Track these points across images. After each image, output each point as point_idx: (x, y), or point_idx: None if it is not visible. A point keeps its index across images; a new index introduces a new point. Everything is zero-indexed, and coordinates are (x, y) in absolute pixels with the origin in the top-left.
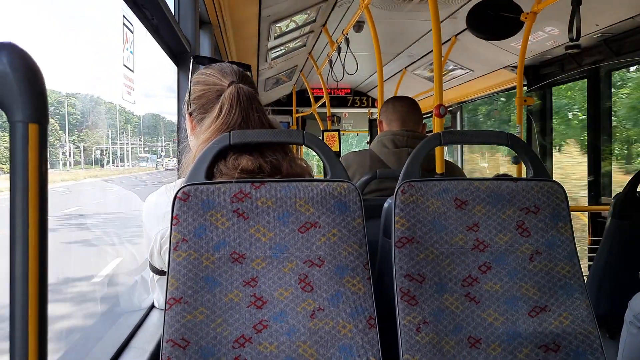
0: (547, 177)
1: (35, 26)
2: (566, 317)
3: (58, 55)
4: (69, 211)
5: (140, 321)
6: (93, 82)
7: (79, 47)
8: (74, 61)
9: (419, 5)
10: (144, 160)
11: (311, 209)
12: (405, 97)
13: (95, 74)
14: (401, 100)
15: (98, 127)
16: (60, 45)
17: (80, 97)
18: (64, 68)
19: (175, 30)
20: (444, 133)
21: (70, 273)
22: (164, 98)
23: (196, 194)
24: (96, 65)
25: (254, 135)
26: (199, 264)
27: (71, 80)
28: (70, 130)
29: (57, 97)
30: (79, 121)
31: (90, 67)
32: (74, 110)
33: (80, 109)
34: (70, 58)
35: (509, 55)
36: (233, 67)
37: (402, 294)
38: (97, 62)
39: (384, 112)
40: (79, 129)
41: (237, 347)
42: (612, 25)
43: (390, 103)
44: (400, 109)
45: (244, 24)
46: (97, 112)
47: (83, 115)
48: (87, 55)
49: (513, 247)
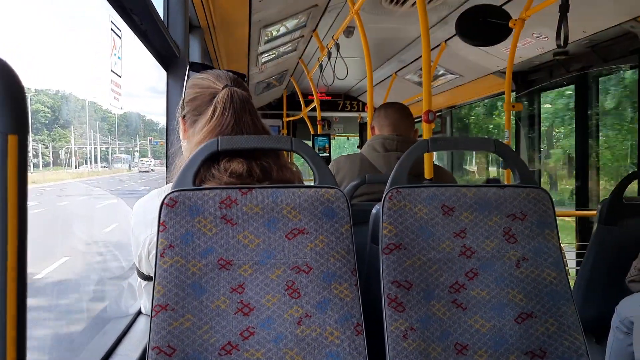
0: (533, 184)
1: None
2: (552, 324)
3: (26, 47)
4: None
5: (126, 328)
6: (65, 78)
7: (49, 39)
8: (45, 55)
9: (408, 11)
10: (118, 161)
11: (299, 215)
12: (397, 103)
13: (68, 69)
14: (393, 106)
15: (71, 126)
16: (26, 37)
17: (50, 93)
18: (33, 62)
19: (165, 35)
20: (431, 140)
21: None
22: (147, 98)
23: (183, 200)
24: (68, 60)
25: (242, 141)
26: (186, 271)
27: (41, 75)
28: (38, 129)
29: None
30: (49, 119)
31: (60, 60)
32: (43, 108)
33: (50, 106)
34: (40, 51)
35: (497, 61)
36: (228, 73)
37: (390, 301)
38: (68, 56)
39: (376, 118)
40: (49, 128)
41: (224, 354)
42: (600, 32)
43: (383, 109)
44: (393, 115)
45: (234, 29)
46: (69, 110)
47: (53, 112)
48: (57, 48)
49: (500, 254)
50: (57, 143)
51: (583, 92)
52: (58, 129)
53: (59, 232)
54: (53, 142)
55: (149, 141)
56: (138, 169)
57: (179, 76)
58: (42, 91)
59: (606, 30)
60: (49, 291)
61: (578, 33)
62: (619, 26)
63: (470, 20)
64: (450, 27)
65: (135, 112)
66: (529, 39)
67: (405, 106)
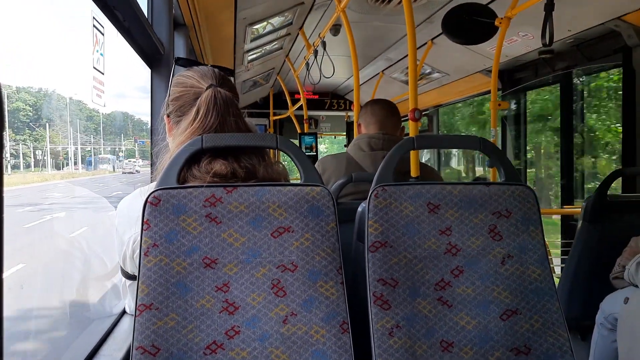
0: (518, 182)
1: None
2: (537, 320)
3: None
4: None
5: (110, 327)
6: (48, 75)
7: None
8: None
9: (395, 10)
10: (104, 162)
11: (284, 214)
12: (384, 100)
13: (51, 66)
14: (380, 103)
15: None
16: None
17: (32, 91)
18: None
19: (149, 33)
20: (417, 137)
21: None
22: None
23: (167, 198)
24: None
25: (227, 139)
26: (170, 270)
27: (23, 72)
28: (19, 129)
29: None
30: (30, 118)
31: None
32: (24, 106)
33: (32, 104)
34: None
35: (484, 60)
36: (214, 71)
37: (375, 299)
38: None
39: (362, 115)
40: (30, 127)
41: (209, 353)
42: (584, 30)
43: (369, 106)
44: (379, 112)
45: (219, 26)
46: (53, 109)
47: (36, 111)
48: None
49: (485, 251)
50: (40, 143)
51: (568, 90)
52: (40, 129)
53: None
54: (35, 142)
55: (135, 140)
56: (122, 170)
57: (164, 74)
58: (24, 89)
59: (591, 29)
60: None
61: (563, 32)
62: (604, 25)
63: (456, 18)
64: (437, 26)
65: (123, 111)
66: (515, 38)
67: (392, 103)
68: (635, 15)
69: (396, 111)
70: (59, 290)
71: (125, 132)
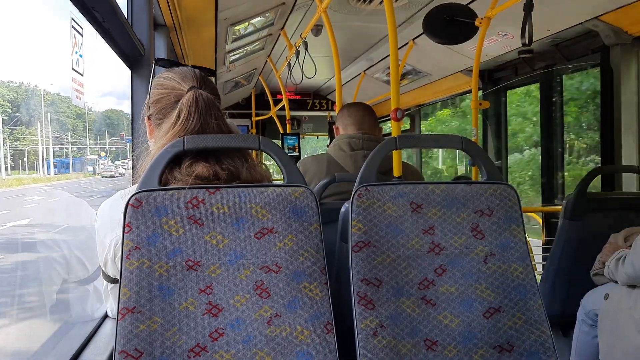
0: (500, 180)
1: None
2: (519, 318)
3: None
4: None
5: (92, 332)
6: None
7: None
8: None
9: (376, 10)
10: (92, 163)
11: (267, 215)
12: (359, 102)
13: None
14: (356, 105)
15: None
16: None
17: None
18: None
19: (129, 33)
20: (399, 137)
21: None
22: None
23: (149, 200)
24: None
25: (209, 140)
26: (153, 272)
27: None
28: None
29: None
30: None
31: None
32: (2, 102)
33: (12, 100)
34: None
35: (465, 59)
36: (195, 72)
37: (360, 298)
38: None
39: (339, 117)
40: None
41: (193, 356)
42: (563, 30)
43: (345, 109)
44: (356, 113)
45: (200, 27)
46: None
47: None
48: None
49: (468, 250)
50: (20, 143)
51: (547, 89)
52: (23, 127)
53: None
54: (16, 142)
55: (121, 138)
56: (101, 174)
57: (144, 76)
58: (2, 83)
59: (569, 29)
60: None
61: (542, 31)
62: (582, 25)
63: (437, 18)
64: (418, 26)
65: (115, 110)
66: (495, 38)
67: (368, 105)
68: (613, 15)
69: (372, 112)
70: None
71: (116, 130)
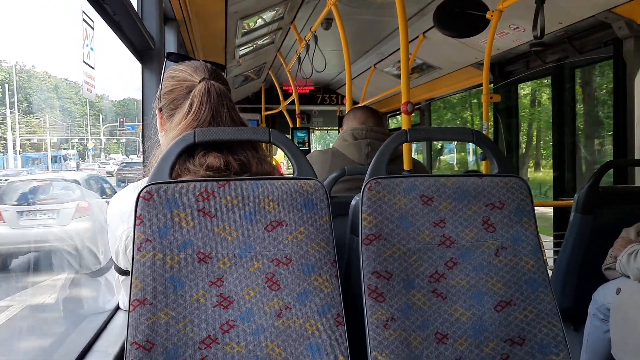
0: (512, 173)
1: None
2: (531, 311)
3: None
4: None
5: (104, 323)
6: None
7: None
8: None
9: (387, 3)
10: (69, 158)
11: (278, 207)
12: (366, 106)
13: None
14: (362, 108)
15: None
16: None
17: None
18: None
19: (139, 27)
20: (410, 130)
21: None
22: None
23: (160, 193)
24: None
25: (219, 133)
26: (164, 265)
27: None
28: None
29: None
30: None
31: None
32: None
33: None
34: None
35: (475, 53)
36: (206, 65)
37: (370, 291)
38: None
39: (345, 120)
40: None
41: (204, 348)
42: (575, 23)
43: (351, 112)
44: (360, 115)
45: (210, 20)
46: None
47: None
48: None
49: (479, 243)
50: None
51: (559, 82)
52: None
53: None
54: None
55: (120, 124)
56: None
57: (154, 69)
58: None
59: (582, 22)
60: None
61: (554, 24)
62: (594, 17)
63: (448, 11)
64: (429, 19)
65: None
66: (506, 31)
67: (373, 108)
68: (626, 7)
69: (378, 114)
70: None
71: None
